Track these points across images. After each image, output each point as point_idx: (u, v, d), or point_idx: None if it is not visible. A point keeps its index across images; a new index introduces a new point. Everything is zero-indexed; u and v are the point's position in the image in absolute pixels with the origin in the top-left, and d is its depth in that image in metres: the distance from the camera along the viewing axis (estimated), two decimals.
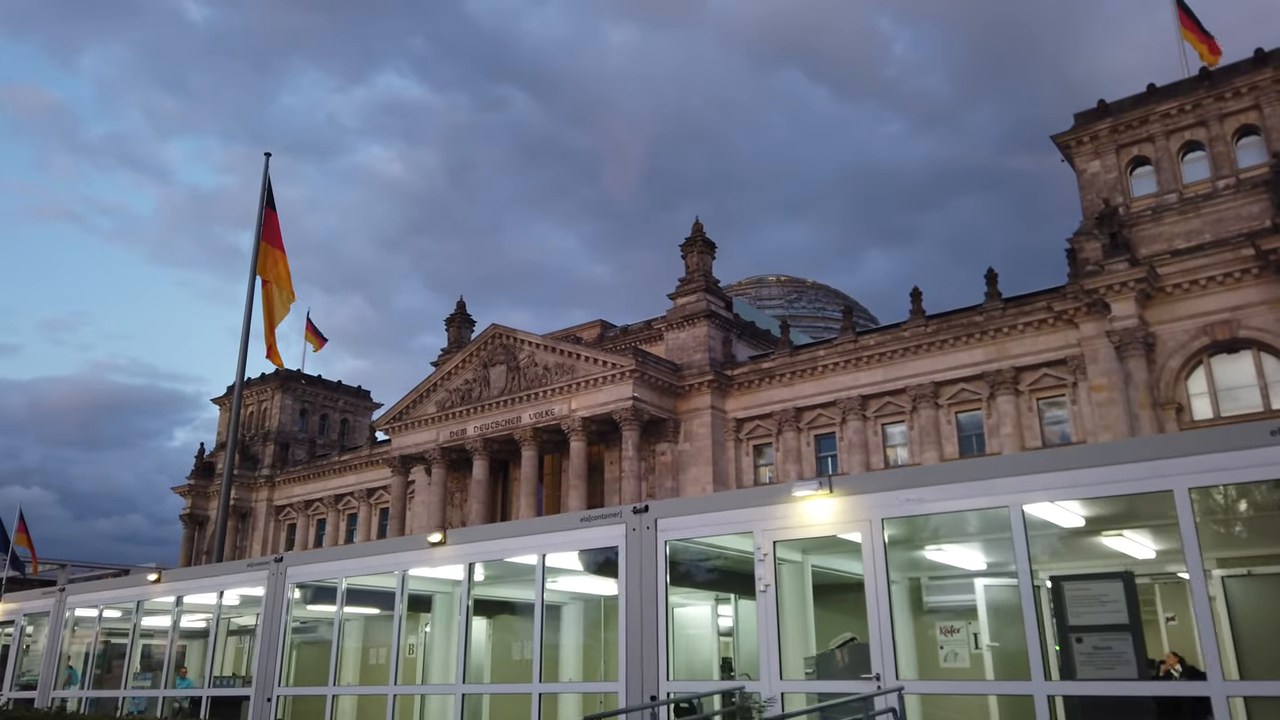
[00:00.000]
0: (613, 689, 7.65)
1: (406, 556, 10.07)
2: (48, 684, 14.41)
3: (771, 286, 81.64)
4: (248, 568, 12.19)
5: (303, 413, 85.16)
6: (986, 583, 10.07)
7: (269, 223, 33.19)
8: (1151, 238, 47.38)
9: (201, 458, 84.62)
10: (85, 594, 15.53)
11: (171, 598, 13.65)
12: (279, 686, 10.54)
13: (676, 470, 58.02)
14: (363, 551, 11.75)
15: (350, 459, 76.45)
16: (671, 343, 60.64)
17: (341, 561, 11.03)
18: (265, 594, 11.07)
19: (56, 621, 14.74)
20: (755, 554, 7.49)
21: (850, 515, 7.32)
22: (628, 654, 7.21)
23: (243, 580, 12.65)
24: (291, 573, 10.99)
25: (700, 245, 61.90)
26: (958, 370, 51.87)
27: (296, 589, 10.93)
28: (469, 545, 9.40)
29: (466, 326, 72.41)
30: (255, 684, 10.60)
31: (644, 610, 7.21)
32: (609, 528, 8.14)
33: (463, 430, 63.19)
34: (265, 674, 10.54)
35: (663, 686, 6.94)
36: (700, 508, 8.11)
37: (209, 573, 14.27)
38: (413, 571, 11.80)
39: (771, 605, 7.32)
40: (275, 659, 10.55)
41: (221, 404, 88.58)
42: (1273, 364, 44.19)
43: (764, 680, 7.13)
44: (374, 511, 74.62)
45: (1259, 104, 46.68)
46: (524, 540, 9.12)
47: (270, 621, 10.87)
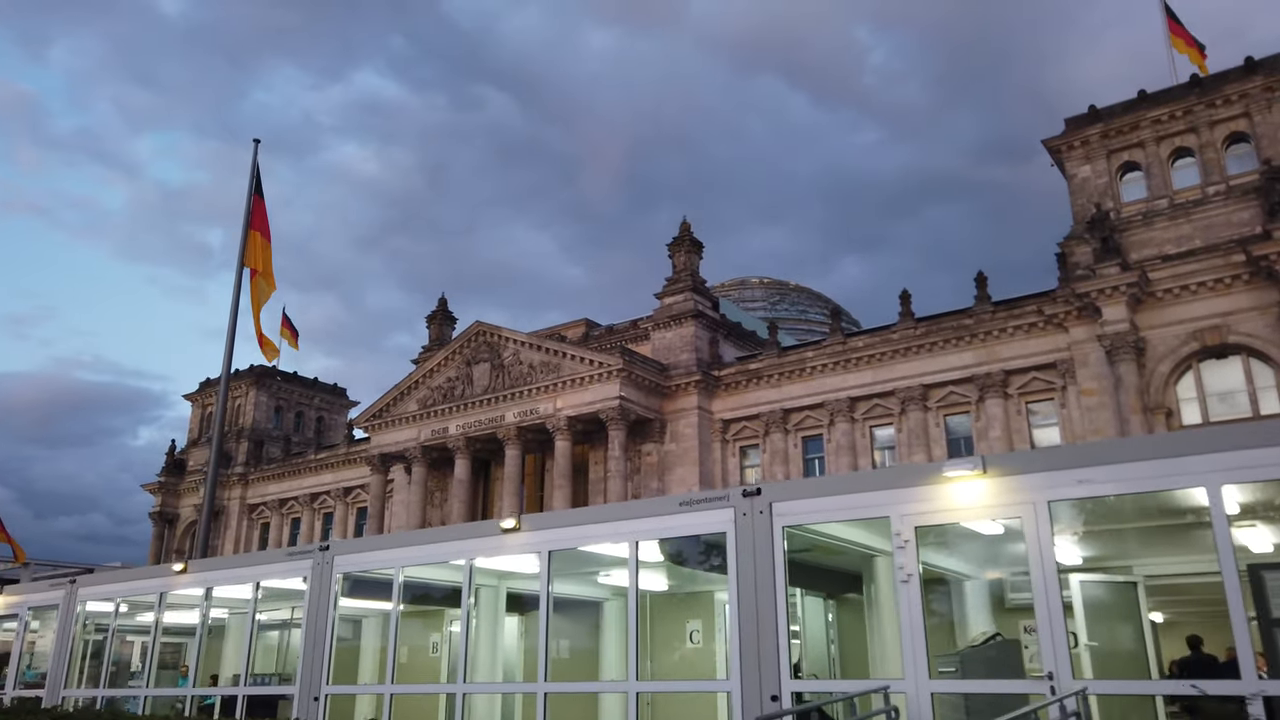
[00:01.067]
0: (723, 688, 6.98)
1: (474, 544, 9.31)
2: (57, 682, 13.50)
3: (755, 288, 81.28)
4: (288, 556, 11.30)
5: (277, 410, 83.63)
6: (1082, 578, 9.55)
7: (257, 210, 32.28)
8: (1142, 243, 47.43)
9: (173, 455, 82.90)
10: (99, 586, 14.56)
11: (199, 590, 12.76)
12: (327, 685, 9.76)
13: (662, 471, 57.41)
14: (422, 539, 10.93)
15: (327, 457, 75.14)
16: (658, 342, 60.04)
17: (398, 550, 10.21)
18: (309, 585, 10.27)
19: (66, 616, 13.81)
20: (894, 540, 6.88)
21: (1009, 498, 6.71)
22: (742, 651, 6.58)
23: (282, 571, 11.73)
24: (339, 562, 10.19)
25: (688, 245, 61.36)
26: (947, 373, 51.65)
27: (341, 579, 10.17)
28: (546, 532, 8.65)
29: (448, 324, 71.47)
30: (300, 682, 9.82)
31: (760, 603, 6.59)
32: (714, 512, 7.45)
33: (444, 429, 62.20)
34: (311, 672, 9.77)
35: (785, 686, 6.33)
36: (822, 489, 7.45)
37: (243, 562, 13.39)
38: (478, 562, 11.01)
39: (916, 597, 6.71)
40: (322, 656, 9.78)
41: (194, 400, 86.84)
42: (1261, 369, 44.35)
43: (909, 680, 6.52)
44: (351, 511, 73.37)
45: (1249, 111, 46.88)
46: (611, 526, 8.37)
47: (316, 615, 10.08)
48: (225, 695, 11.93)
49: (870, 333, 55.23)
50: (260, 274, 32.22)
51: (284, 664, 13.85)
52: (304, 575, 10.87)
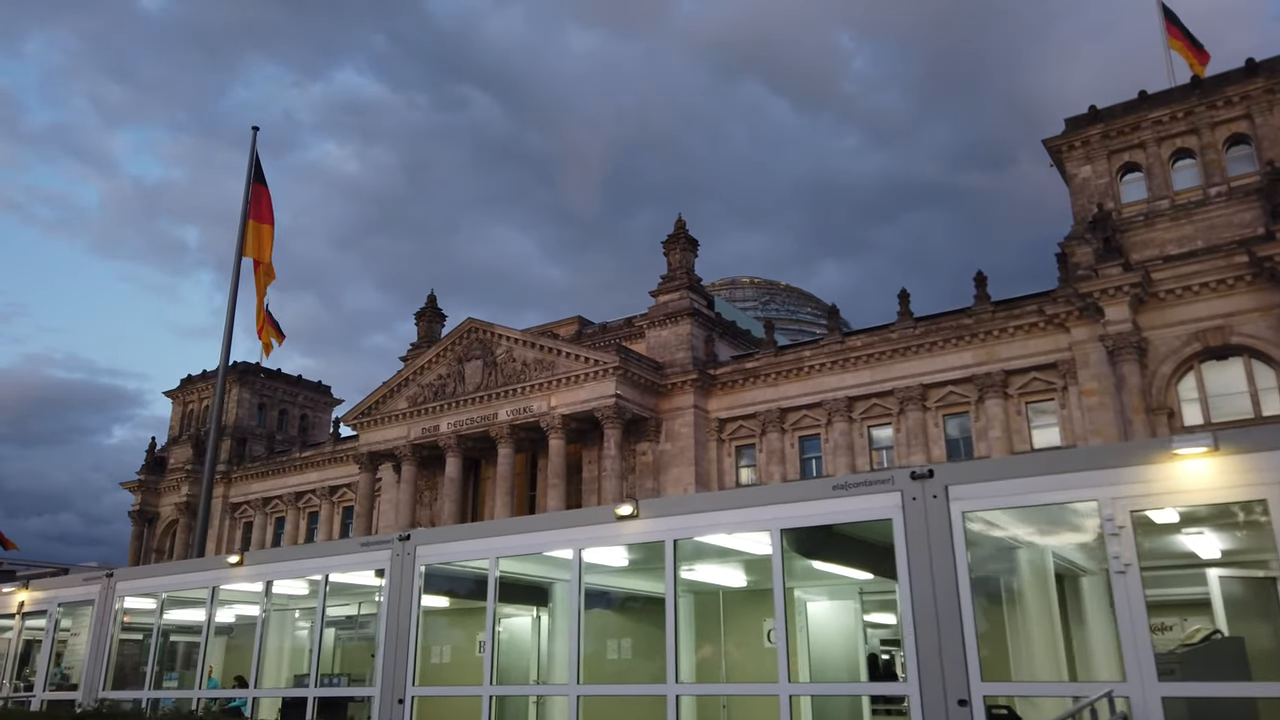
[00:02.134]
0: (898, 690, 6.29)
1: (585, 533, 8.50)
2: (93, 683, 12.53)
3: (745, 288, 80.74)
4: (363, 547, 10.37)
5: (261, 407, 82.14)
6: (1222, 573, 8.95)
7: (258, 200, 31.29)
8: (1144, 243, 47.25)
9: (153, 452, 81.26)
10: (139, 580, 13.55)
11: (258, 585, 11.81)
12: (413, 686, 8.94)
13: (658, 470, 56.69)
14: (521, 527, 10.03)
15: (313, 455, 73.81)
16: (653, 340, 59.32)
17: (493, 539, 9.37)
18: (389, 579, 9.43)
19: (103, 612, 12.82)
20: (1106, 527, 6.26)
21: (1251, 478, 6.08)
22: (920, 651, 5.91)
23: (354, 563, 10.64)
24: (422, 553, 9.34)
25: (683, 243, 60.67)
26: (946, 373, 51.24)
27: (424, 571, 9.33)
28: (670, 520, 7.85)
29: (437, 321, 70.38)
30: (380, 684, 8.99)
31: (938, 597, 5.94)
32: (876, 497, 6.74)
33: (435, 427, 61.18)
34: (394, 672, 8.96)
35: (976, 689, 5.68)
36: (1008, 470, 6.75)
37: (310, 553, 12.44)
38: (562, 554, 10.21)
39: (1137, 589, 6.02)
40: (406, 656, 8.97)
41: (175, 397, 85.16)
42: (1263, 370, 44.26)
43: (1134, 683, 5.88)
44: (336, 510, 72.10)
45: (1250, 113, 46.83)
46: (749, 514, 7.56)
47: (397, 612, 9.24)
48: (292, 697, 11.00)
49: (869, 332, 54.75)
50: (262, 265, 31.25)
51: (341, 664, 12.99)
52: (378, 568, 10.03)
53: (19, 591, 15.10)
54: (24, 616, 14.80)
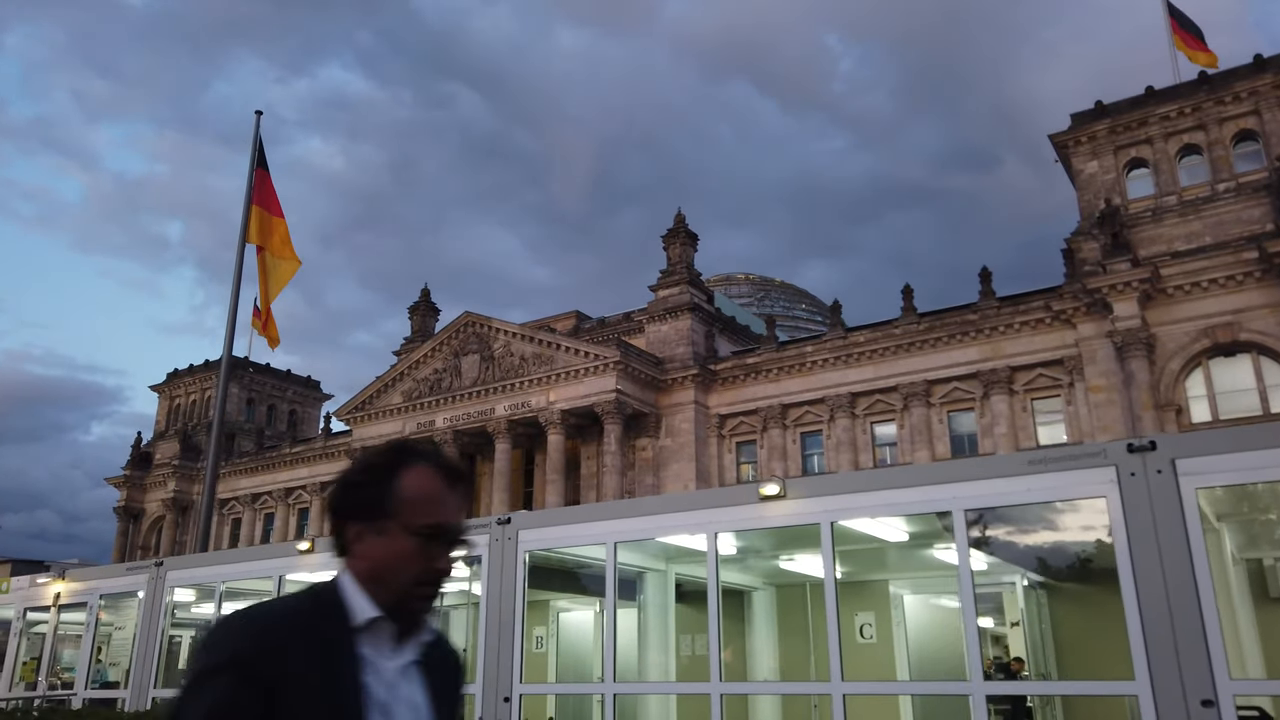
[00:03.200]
0: (1127, 690, 5.58)
1: (722, 515, 7.66)
2: (142, 682, 11.57)
3: (741, 284, 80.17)
4: (474, 528, 9.47)
5: (249, 402, 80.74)
6: None
7: (262, 185, 30.29)
8: (1151, 239, 46.92)
9: (138, 448, 79.70)
10: (194, 569, 12.48)
11: (331, 574, 10.83)
12: (520, 684, 8.09)
13: (658, 466, 55.93)
14: (641, 509, 9.11)
15: (303, 451, 72.52)
16: (653, 335, 58.54)
17: (611, 522, 8.49)
18: (487, 565, 8.56)
19: (153, 604, 11.82)
20: None
21: None
22: (1150, 647, 5.21)
23: None
24: (525, 538, 8.48)
25: (683, 237, 59.93)
26: (951, 369, 50.71)
27: (526, 558, 8.44)
28: (828, 499, 7.08)
29: (431, 315, 69.36)
30: (482, 680, 8.17)
31: (1170, 588, 5.25)
32: (1084, 473, 5.99)
33: (431, 421, 60.17)
34: (498, 669, 8.12)
35: (1224, 687, 4.98)
36: (1245, 442, 6.01)
37: None
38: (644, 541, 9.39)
39: None
40: (511, 651, 8.11)
41: (161, 392, 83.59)
42: (1271, 367, 44.01)
43: None
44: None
45: (1258, 109, 46.57)
46: (924, 492, 6.79)
47: (499, 602, 8.38)
48: None
49: (872, 328, 54.15)
50: (271, 251, 30.19)
51: None
52: (472, 554, 9.16)
53: (54, 582, 14.07)
54: (60, 609, 13.82)
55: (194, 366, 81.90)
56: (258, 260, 30.35)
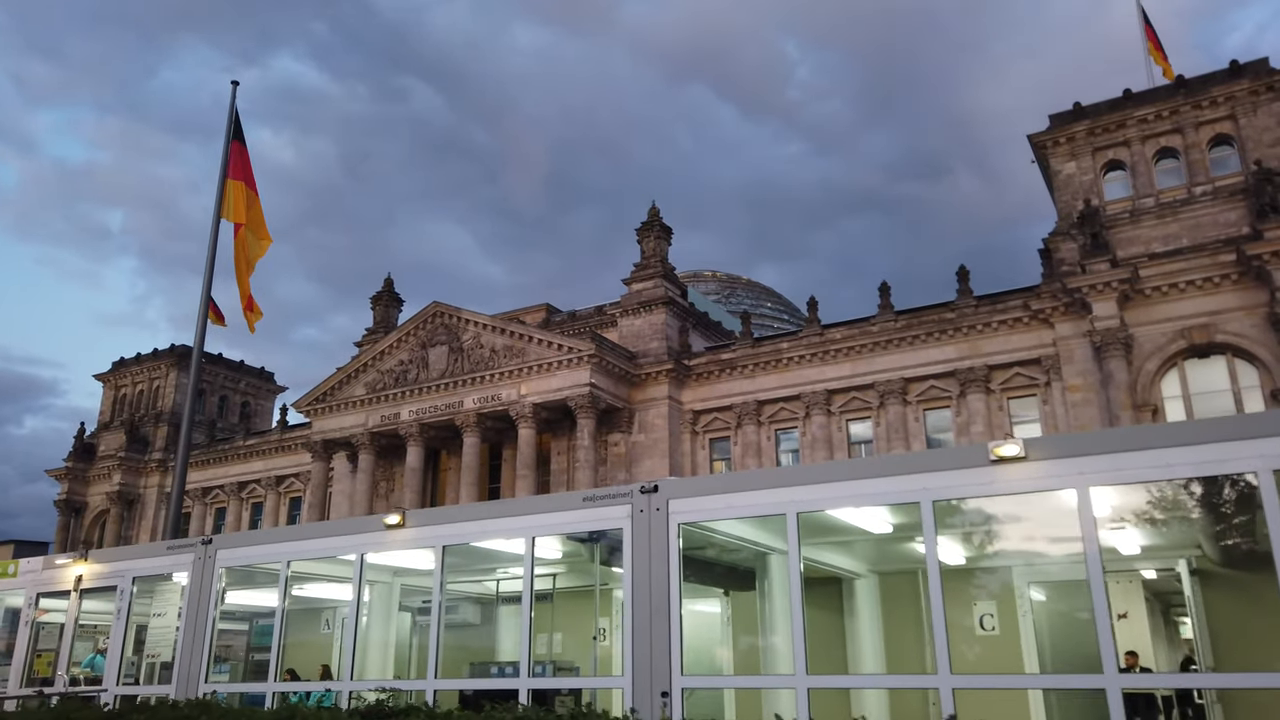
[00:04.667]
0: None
1: (944, 481, 6.57)
2: (191, 673, 10.20)
3: (708, 281, 79.51)
4: (584, 503, 8.13)
5: (201, 393, 77.96)
6: None
7: (240, 159, 28.70)
8: (1129, 240, 47.08)
9: (81, 439, 76.51)
10: (250, 548, 11.09)
11: (429, 551, 9.21)
12: (681, 676, 7.03)
13: (630, 462, 54.89)
14: (829, 474, 7.95)
15: (258, 443, 70.15)
16: (626, 329, 57.50)
17: (789, 490, 7.36)
18: (632, 543, 7.50)
19: (202, 587, 10.45)
20: None
21: None
22: None
23: (573, 522, 8.12)
24: (677, 509, 7.39)
25: (657, 230, 58.96)
26: (928, 367, 50.45)
27: (680, 531, 7.33)
28: (1084, 460, 6.04)
29: (394, 306, 67.56)
30: (633, 672, 7.12)
31: None
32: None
33: (396, 414, 58.45)
34: (651, 659, 7.07)
35: None
36: None
37: (507, 510, 9.98)
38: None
39: None
40: (667, 638, 7.03)
41: (106, 381, 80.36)
42: (1245, 369, 44.40)
43: None
44: (283, 500, 68.65)
45: (1234, 114, 46.95)
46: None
47: (651, 584, 7.29)
48: (483, 689, 8.88)
49: (848, 324, 53.68)
50: (247, 228, 28.58)
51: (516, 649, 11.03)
52: (607, 527, 8.02)
53: (75, 564, 12.50)
54: (82, 594, 12.33)
55: (141, 355, 78.92)
56: (235, 238, 28.66)
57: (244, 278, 28.46)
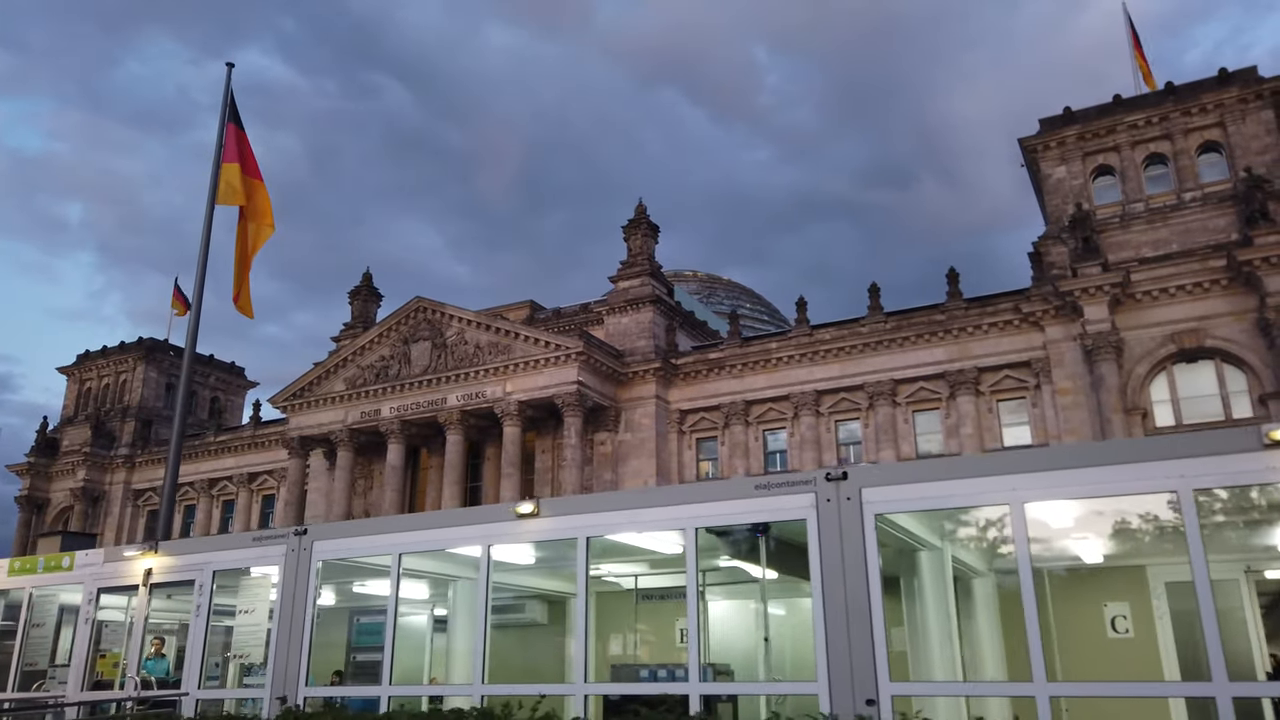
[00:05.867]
0: None
1: (1199, 469, 5.96)
2: (289, 676, 9.30)
3: (689, 281, 78.98)
4: (757, 490, 7.44)
5: (169, 388, 75.94)
6: None
7: (235, 142, 27.63)
8: (1119, 244, 47.29)
9: (44, 433, 74.25)
10: (353, 538, 10.09)
11: (576, 538, 8.36)
12: (890, 682, 6.29)
13: (616, 462, 54.19)
14: (1068, 459, 7.17)
15: (230, 440, 68.42)
16: (612, 327, 56.79)
17: (1015, 477, 6.66)
18: (819, 533, 6.79)
19: (297, 582, 9.59)
20: None
21: None
22: None
23: (745, 510, 7.38)
24: (872, 498, 6.70)
25: (644, 228, 58.30)
26: (918, 368, 50.33)
27: (875, 522, 6.66)
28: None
29: (373, 301, 66.20)
30: (828, 678, 6.43)
31: None
32: None
33: (376, 411, 57.24)
34: (850, 662, 6.38)
35: None
36: None
37: (667, 498, 9.10)
38: None
39: None
40: (871, 639, 6.31)
41: (70, 374, 78.04)
42: (1234, 374, 44.73)
43: None
44: (256, 498, 67.03)
45: (1223, 121, 47.35)
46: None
47: (843, 578, 6.62)
48: (652, 694, 8.00)
49: (838, 325, 53.43)
50: (249, 212, 27.55)
51: (650, 651, 10.27)
52: (772, 521, 7.40)
53: (144, 555, 11.53)
54: (151, 589, 11.35)
55: (107, 348, 76.80)
56: (239, 223, 27.56)
57: (240, 265, 27.38)
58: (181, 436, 22.76)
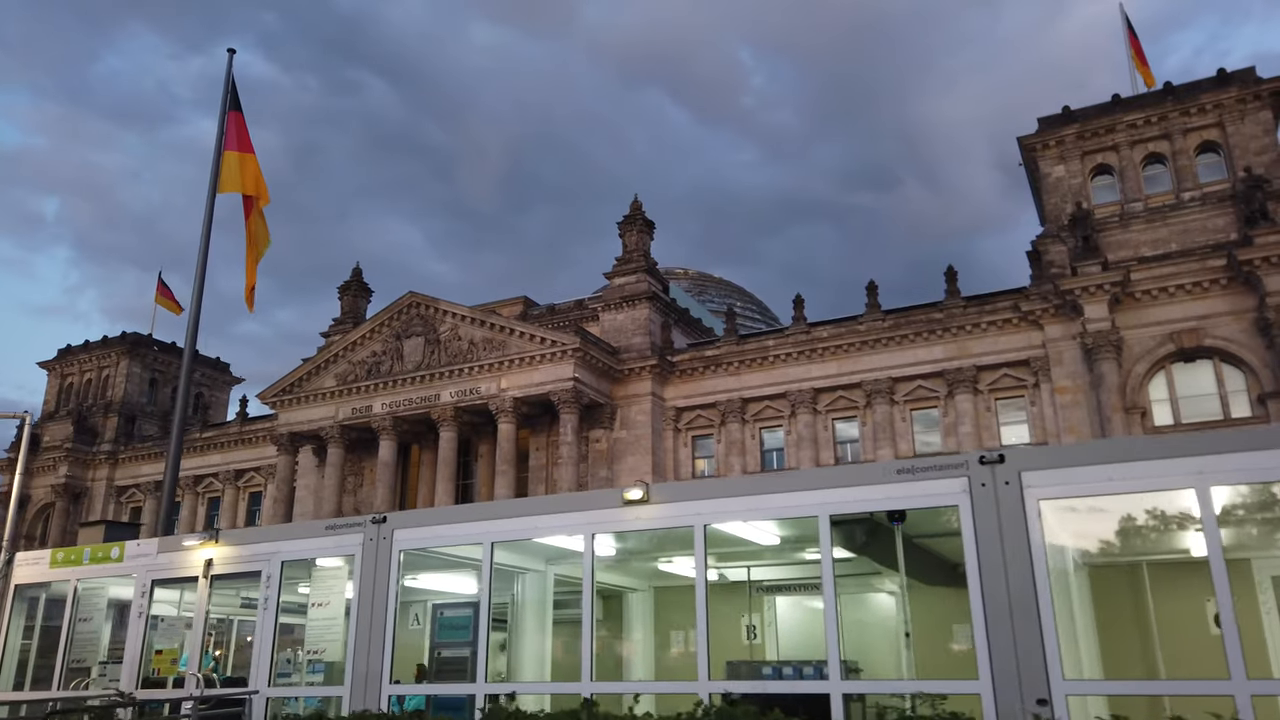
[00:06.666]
0: None
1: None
2: (370, 674, 8.64)
3: (680, 279, 78.54)
4: (901, 474, 6.96)
5: (152, 383, 74.64)
6: None
7: (234, 127, 26.99)
8: (1118, 244, 47.27)
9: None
10: (437, 527, 9.47)
11: (693, 526, 7.83)
12: (1064, 680, 5.81)
13: (612, 459, 53.67)
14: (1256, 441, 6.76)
15: (216, 436, 67.34)
16: (607, 324, 56.26)
17: (1201, 459, 6.23)
18: (973, 520, 6.32)
19: (376, 573, 8.91)
20: None
21: None
22: None
23: (885, 497, 7.04)
24: (1033, 482, 6.24)
25: (640, 224, 57.83)
26: (916, 367, 50.10)
27: (1040, 510, 6.15)
28: None
29: (363, 296, 65.35)
30: (990, 674, 5.98)
31: None
32: None
33: (368, 407, 56.44)
34: (1015, 657, 5.93)
35: None
36: None
37: (797, 483, 8.41)
38: None
39: None
40: (1040, 632, 5.84)
41: (51, 369, 76.64)
42: (1232, 373, 44.79)
43: None
44: (243, 496, 65.99)
45: (1222, 121, 47.41)
46: None
47: (1006, 566, 6.18)
48: (787, 693, 7.49)
49: (835, 323, 53.16)
50: (256, 201, 26.98)
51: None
52: (919, 507, 6.96)
53: (204, 545, 10.85)
54: (212, 581, 10.65)
55: (90, 343, 75.46)
56: (249, 213, 26.90)
57: (252, 256, 26.76)
58: (182, 431, 22.11)
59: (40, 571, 12.10)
